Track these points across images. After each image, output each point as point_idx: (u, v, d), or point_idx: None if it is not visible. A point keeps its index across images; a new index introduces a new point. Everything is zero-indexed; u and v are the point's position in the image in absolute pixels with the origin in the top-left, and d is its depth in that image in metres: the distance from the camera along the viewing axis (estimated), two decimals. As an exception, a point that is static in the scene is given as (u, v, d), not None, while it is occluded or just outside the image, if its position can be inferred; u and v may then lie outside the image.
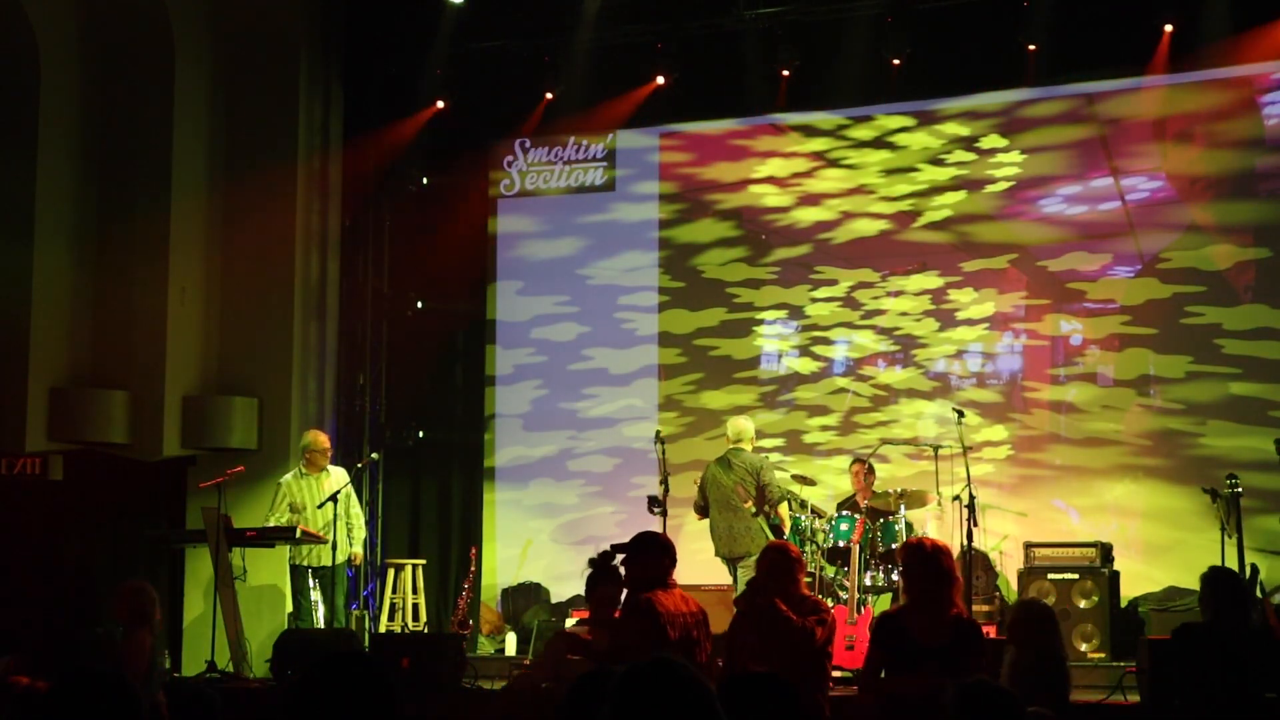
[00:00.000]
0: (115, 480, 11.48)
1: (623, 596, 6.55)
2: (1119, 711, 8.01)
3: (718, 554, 10.20)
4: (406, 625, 11.28)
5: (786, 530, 10.29)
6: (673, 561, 6.24)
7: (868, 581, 10.06)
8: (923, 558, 6.08)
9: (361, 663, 3.26)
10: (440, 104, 12.45)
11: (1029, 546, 10.26)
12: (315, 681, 3.22)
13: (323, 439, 10.94)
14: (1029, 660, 6.45)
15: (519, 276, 12.76)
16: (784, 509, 10.24)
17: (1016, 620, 6.72)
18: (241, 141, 12.12)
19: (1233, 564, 8.83)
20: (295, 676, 3.19)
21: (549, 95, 12.31)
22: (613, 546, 6.34)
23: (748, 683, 3.42)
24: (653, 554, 6.19)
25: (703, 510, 10.29)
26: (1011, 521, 10.94)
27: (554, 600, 11.84)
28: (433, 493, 12.79)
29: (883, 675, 6.09)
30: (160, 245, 11.59)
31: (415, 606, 11.47)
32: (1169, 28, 10.77)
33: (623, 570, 6.52)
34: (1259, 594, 8.60)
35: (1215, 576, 6.77)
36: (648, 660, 2.97)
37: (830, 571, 10.28)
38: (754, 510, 10.04)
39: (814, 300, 11.97)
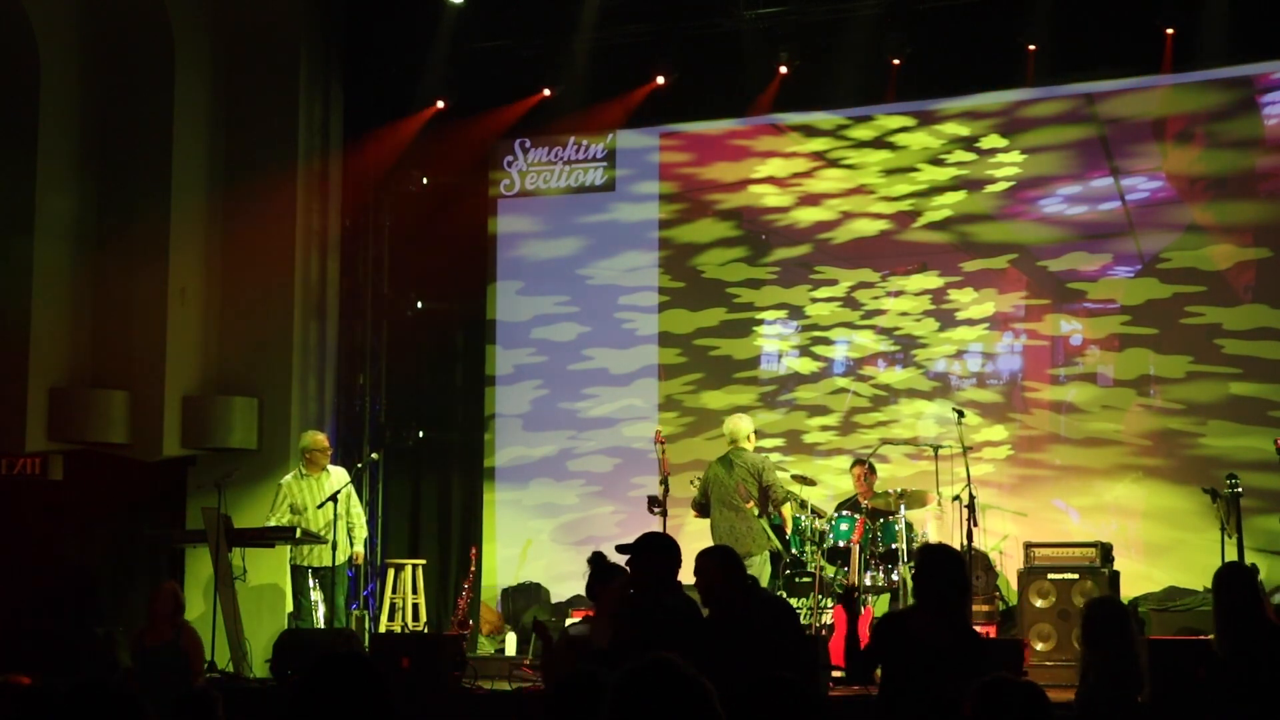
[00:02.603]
0: (115, 480, 11.47)
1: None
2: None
3: None
4: (406, 625, 11.28)
5: (788, 530, 10.29)
6: (677, 562, 6.24)
7: (868, 581, 10.05)
8: (939, 564, 6.07)
9: (360, 664, 3.25)
10: (440, 104, 12.46)
11: (1029, 546, 10.24)
12: (314, 682, 3.20)
13: (322, 439, 10.95)
14: (1100, 660, 6.42)
15: (519, 276, 12.75)
16: (787, 509, 10.23)
17: (1087, 619, 6.64)
18: (241, 141, 12.11)
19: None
20: (295, 676, 3.17)
21: (549, 95, 12.32)
22: (617, 547, 6.33)
23: (765, 686, 3.39)
24: (657, 554, 6.19)
25: (702, 508, 10.30)
26: (1011, 521, 10.94)
27: (554, 600, 11.84)
28: (433, 493, 12.78)
29: (879, 675, 6.08)
30: (160, 245, 11.59)
31: (415, 606, 11.47)
32: (1170, 30, 10.76)
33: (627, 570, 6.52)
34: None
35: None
36: (647, 660, 2.97)
37: (830, 571, 10.27)
38: (757, 511, 10.03)
39: (814, 300, 11.97)
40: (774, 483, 10.15)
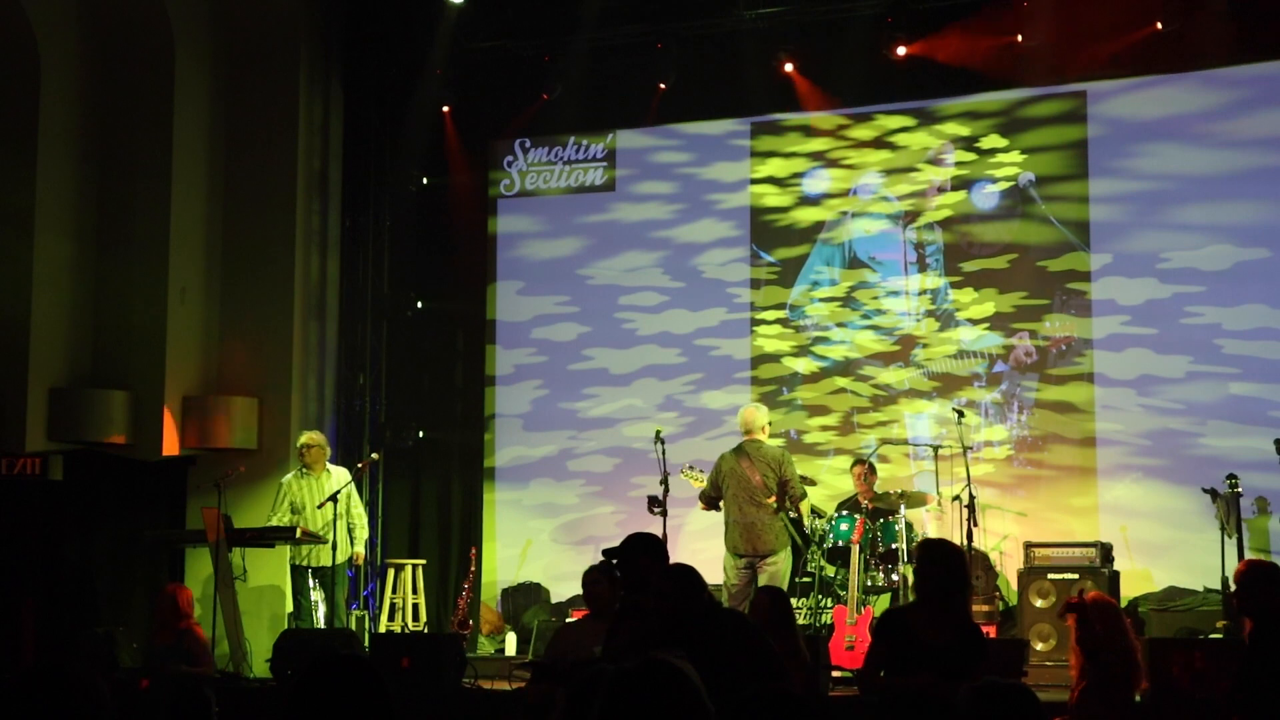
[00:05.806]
0: (115, 480, 11.47)
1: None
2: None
3: (737, 551, 9.76)
4: (406, 625, 11.28)
5: (807, 525, 10.16)
6: (665, 560, 6.24)
7: (868, 581, 10.05)
8: (940, 558, 6.05)
9: (358, 666, 3.22)
10: (441, 104, 12.46)
11: (1029, 546, 10.25)
12: (311, 683, 3.18)
13: (316, 436, 10.93)
14: (1093, 662, 6.40)
15: (519, 276, 12.76)
16: (805, 506, 10.03)
17: (1081, 617, 6.56)
18: (241, 141, 12.12)
19: (1233, 565, 8.80)
20: (294, 677, 3.12)
21: (549, 95, 12.31)
22: (604, 551, 6.35)
23: (767, 701, 3.38)
24: (645, 555, 6.21)
25: (711, 501, 9.94)
26: (1011, 521, 10.94)
27: (554, 600, 11.84)
28: (433, 493, 12.78)
29: (882, 674, 6.06)
30: (160, 245, 11.59)
31: (415, 606, 11.47)
32: (1160, 24, 10.75)
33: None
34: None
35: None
36: (639, 661, 2.96)
37: (830, 571, 10.26)
38: (775, 507, 9.72)
39: (814, 300, 11.97)
40: (792, 477, 9.80)
